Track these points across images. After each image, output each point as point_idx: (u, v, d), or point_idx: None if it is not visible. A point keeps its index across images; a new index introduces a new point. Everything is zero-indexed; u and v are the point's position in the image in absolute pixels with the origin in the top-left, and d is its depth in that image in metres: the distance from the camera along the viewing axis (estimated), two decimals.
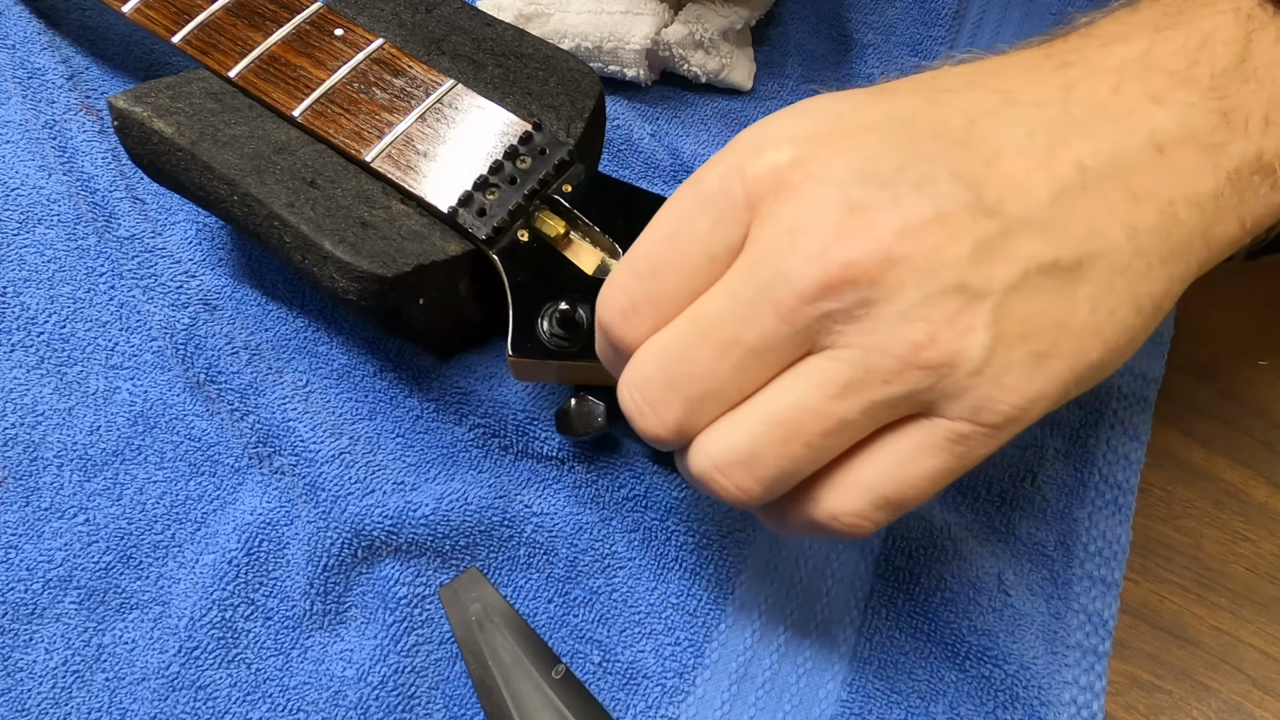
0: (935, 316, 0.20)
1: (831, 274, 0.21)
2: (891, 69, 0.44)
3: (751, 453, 0.22)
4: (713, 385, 0.22)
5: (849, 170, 0.21)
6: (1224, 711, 0.31)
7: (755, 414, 0.22)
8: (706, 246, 0.23)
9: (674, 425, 0.23)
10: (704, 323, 0.22)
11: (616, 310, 0.24)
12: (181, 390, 0.35)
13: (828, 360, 0.21)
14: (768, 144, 0.22)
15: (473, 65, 0.34)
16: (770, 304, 0.21)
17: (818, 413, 0.21)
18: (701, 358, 0.22)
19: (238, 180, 0.30)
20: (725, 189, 0.22)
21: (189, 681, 0.30)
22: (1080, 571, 0.33)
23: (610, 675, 0.31)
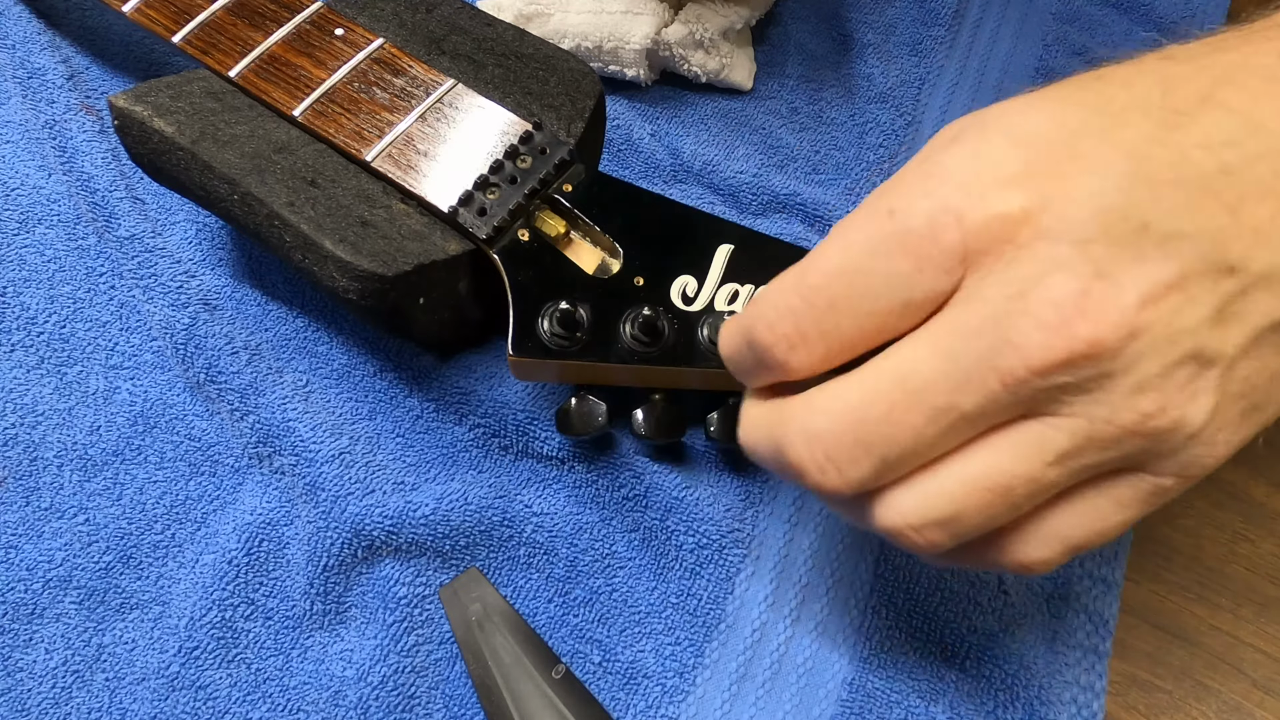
0: (1168, 387, 0.19)
1: (1075, 349, 0.19)
2: (891, 69, 0.44)
3: (952, 515, 0.21)
4: (915, 448, 0.21)
5: (1088, 226, 0.19)
6: (1224, 711, 0.31)
7: (959, 475, 0.21)
8: (903, 293, 0.21)
9: (858, 484, 0.22)
10: (912, 384, 0.20)
11: (781, 335, 0.22)
12: (181, 390, 0.35)
13: (1048, 428, 0.20)
14: (989, 186, 0.20)
15: (473, 65, 0.34)
16: (995, 373, 0.20)
17: (1029, 479, 0.21)
18: (908, 421, 0.21)
19: (238, 179, 0.30)
20: (936, 233, 0.20)
21: (189, 681, 0.30)
22: (1080, 571, 0.33)
23: (610, 675, 0.31)
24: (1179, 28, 0.45)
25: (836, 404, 0.21)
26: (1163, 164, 0.20)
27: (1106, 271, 0.19)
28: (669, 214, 0.33)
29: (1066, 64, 0.44)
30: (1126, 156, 0.20)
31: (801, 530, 0.33)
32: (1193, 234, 0.19)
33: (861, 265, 0.21)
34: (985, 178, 0.20)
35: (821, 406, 0.22)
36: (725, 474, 0.34)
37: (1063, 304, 0.19)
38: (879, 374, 0.21)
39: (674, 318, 0.31)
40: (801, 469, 0.22)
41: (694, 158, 0.41)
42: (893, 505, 0.22)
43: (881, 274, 0.21)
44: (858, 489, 0.22)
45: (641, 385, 0.32)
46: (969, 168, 0.21)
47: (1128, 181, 0.20)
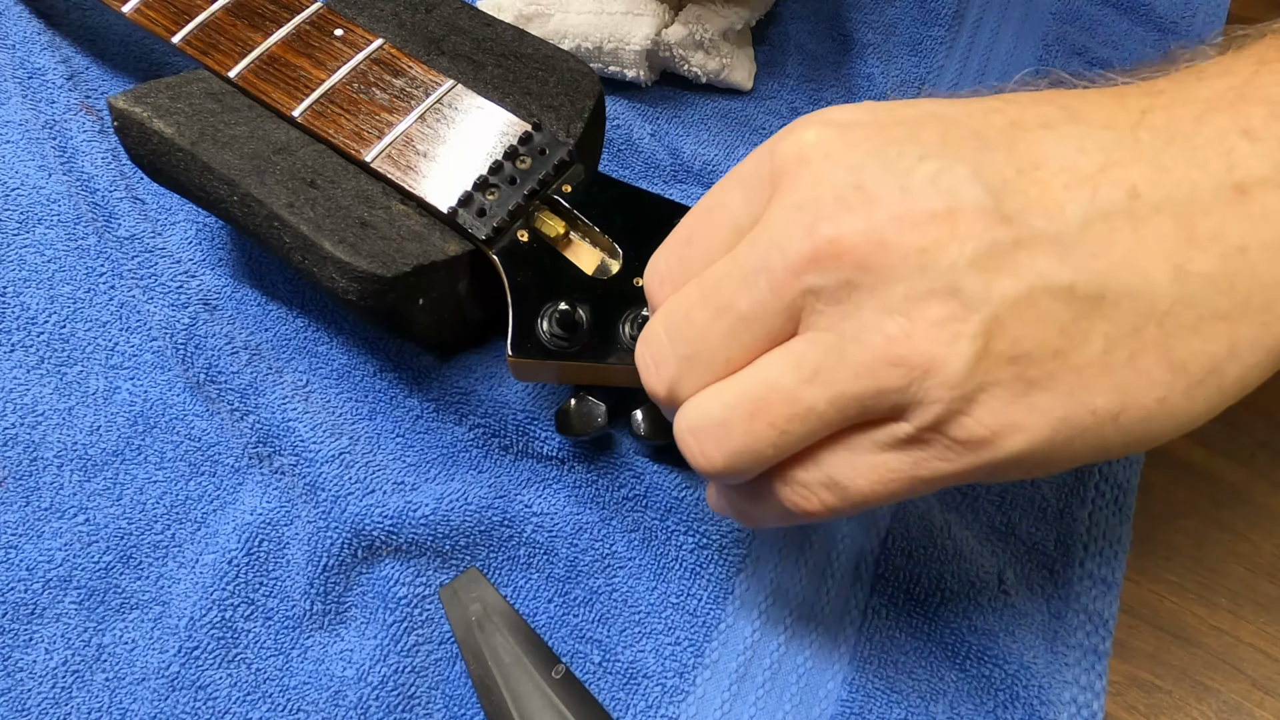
0: (917, 315, 0.19)
1: (819, 247, 0.20)
2: (891, 69, 0.44)
3: (721, 422, 0.22)
4: (703, 348, 0.22)
5: (868, 155, 0.21)
6: (1224, 711, 0.31)
7: (733, 387, 0.22)
8: (733, 219, 0.23)
9: (668, 382, 0.23)
10: (706, 285, 0.23)
11: (655, 276, 0.25)
12: (181, 390, 0.35)
13: (804, 343, 0.21)
14: (801, 125, 0.22)
15: (472, 65, 0.34)
16: (765, 274, 0.21)
17: (787, 394, 0.21)
18: (698, 319, 0.22)
19: (237, 180, 0.30)
20: (757, 165, 0.23)
21: (189, 681, 0.30)
22: (1080, 571, 0.33)
23: (610, 675, 0.31)
24: (1179, 27, 0.45)
25: (662, 310, 0.24)
26: (964, 126, 0.21)
27: (865, 188, 0.20)
28: (669, 214, 0.33)
29: (1066, 64, 0.44)
30: (931, 115, 0.22)
31: (801, 530, 0.33)
32: (967, 178, 0.20)
33: (710, 204, 0.24)
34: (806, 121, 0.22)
35: (655, 314, 0.24)
36: None
37: (818, 206, 0.21)
38: (691, 282, 0.23)
39: None
40: (640, 371, 0.24)
41: (694, 158, 0.41)
42: (682, 410, 0.23)
43: (720, 207, 0.23)
44: (669, 390, 0.23)
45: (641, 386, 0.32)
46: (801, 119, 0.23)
47: (920, 130, 0.21)
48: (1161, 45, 0.45)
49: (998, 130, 0.21)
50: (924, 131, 0.21)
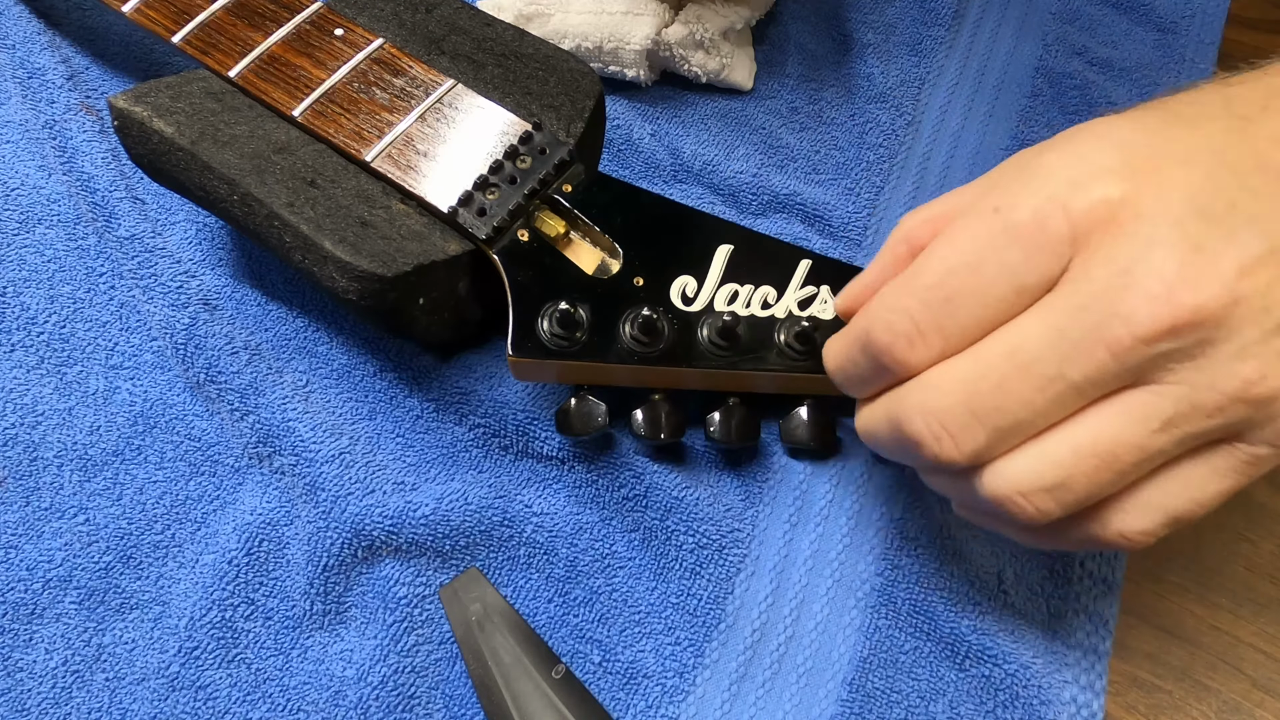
0: (1267, 354, 0.21)
1: (1179, 317, 0.20)
2: (891, 69, 0.44)
3: (1060, 482, 0.22)
4: (1025, 418, 0.22)
5: (1184, 207, 0.21)
6: (1224, 711, 0.31)
7: (1068, 443, 0.22)
8: (1016, 279, 0.22)
9: (972, 453, 0.23)
10: (1022, 357, 0.22)
11: (899, 333, 0.24)
12: (181, 390, 0.35)
13: (1153, 395, 0.21)
14: (1091, 177, 0.22)
15: (473, 65, 0.34)
16: (1103, 344, 0.21)
17: (1135, 446, 0.22)
18: (1019, 391, 0.22)
19: (238, 180, 0.30)
20: (1043, 222, 0.22)
21: (189, 681, 0.30)
22: (1080, 571, 0.33)
23: (610, 675, 0.31)
24: (1179, 27, 0.45)
25: (950, 379, 0.23)
26: (1241, 154, 0.22)
27: (1203, 245, 0.21)
28: (669, 214, 0.33)
29: (1066, 64, 0.44)
30: (1208, 149, 0.22)
31: (801, 530, 0.33)
32: (1275, 214, 0.21)
33: (973, 260, 0.23)
34: (1086, 170, 0.22)
35: (935, 383, 0.23)
36: (725, 474, 0.34)
37: (1166, 276, 0.21)
38: (990, 350, 0.23)
39: (674, 318, 0.31)
40: (919, 441, 0.23)
41: (694, 158, 0.41)
42: (1002, 473, 0.23)
43: (993, 265, 0.23)
44: (971, 459, 0.23)
45: (641, 385, 0.32)
46: (1070, 164, 0.23)
47: (1214, 168, 0.22)
48: (1161, 45, 0.45)
49: (1272, 159, 0.22)
50: (1216, 173, 0.22)
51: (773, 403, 0.34)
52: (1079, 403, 0.22)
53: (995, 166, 0.26)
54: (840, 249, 0.39)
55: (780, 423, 0.33)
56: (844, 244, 0.39)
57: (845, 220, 0.40)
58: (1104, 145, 0.23)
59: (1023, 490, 0.23)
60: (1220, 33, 0.45)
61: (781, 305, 0.32)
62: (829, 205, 0.40)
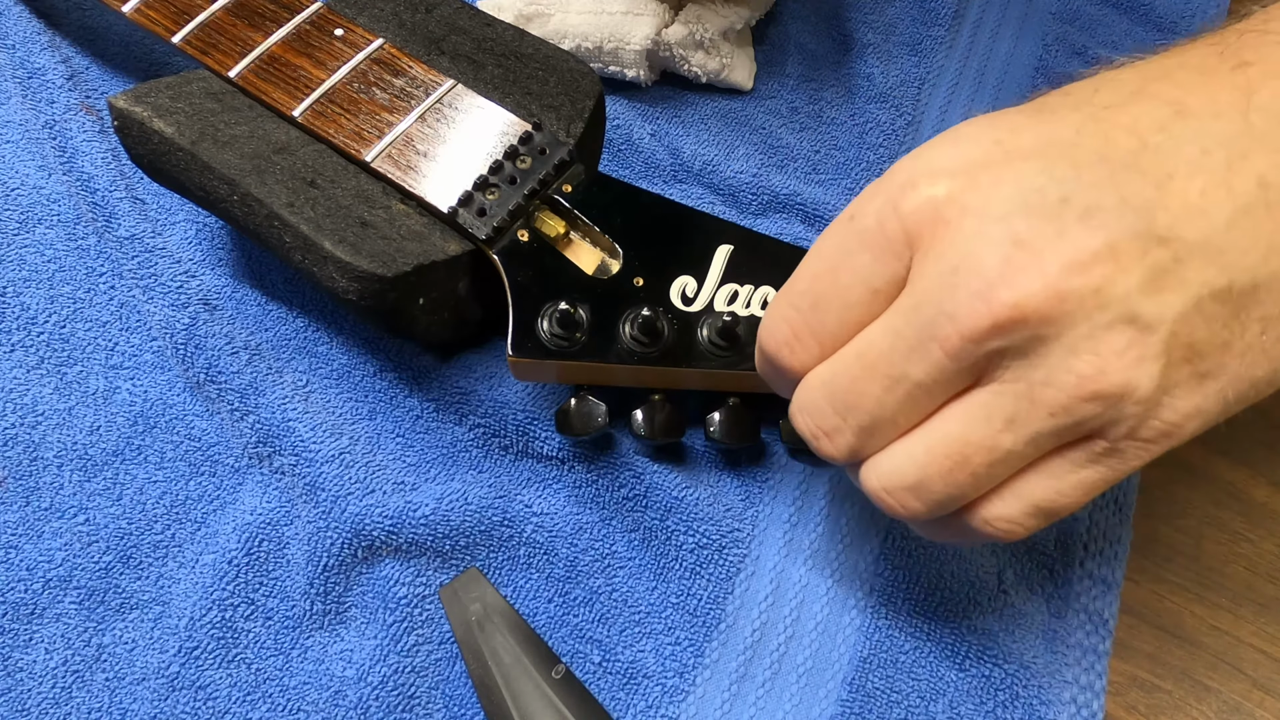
0: (1104, 350, 0.20)
1: (999, 315, 0.20)
2: (891, 69, 0.44)
3: (919, 480, 0.23)
4: (881, 415, 0.23)
5: (1010, 202, 0.21)
6: (1224, 711, 0.31)
7: (923, 443, 0.23)
8: (866, 281, 0.23)
9: (847, 449, 0.24)
10: (869, 358, 0.23)
11: (780, 341, 0.25)
12: (181, 390, 0.35)
13: (993, 395, 0.22)
14: (921, 177, 0.22)
15: (473, 65, 0.34)
16: (936, 342, 0.21)
17: (983, 445, 0.22)
18: (869, 391, 0.23)
19: (238, 180, 0.30)
20: (882, 225, 0.22)
21: (189, 681, 0.30)
22: (1080, 571, 0.33)
23: (610, 675, 0.31)
24: (1179, 27, 0.45)
25: (815, 379, 0.24)
26: (1086, 148, 0.21)
27: (1026, 242, 0.21)
28: (669, 214, 0.33)
29: (1066, 64, 0.44)
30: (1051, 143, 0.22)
31: (801, 530, 0.33)
32: (1115, 207, 0.21)
33: (832, 265, 0.24)
34: (920, 170, 0.22)
35: (808, 383, 0.24)
36: (725, 474, 0.34)
37: (987, 273, 0.21)
38: (844, 352, 0.23)
39: (673, 318, 0.31)
40: (805, 437, 0.25)
41: (694, 158, 0.41)
42: (871, 469, 0.24)
43: (847, 269, 0.23)
44: (850, 455, 0.24)
45: (641, 385, 0.32)
46: (910, 165, 0.23)
47: (1053, 161, 0.21)
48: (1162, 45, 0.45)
49: (1123, 150, 0.21)
50: (1054, 164, 0.21)
51: (773, 403, 0.34)
52: (933, 401, 0.22)
53: None
54: None
55: (780, 423, 0.33)
56: None
57: None
58: (949, 143, 0.23)
59: (887, 487, 0.23)
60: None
61: None
62: (829, 205, 0.40)
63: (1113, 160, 0.21)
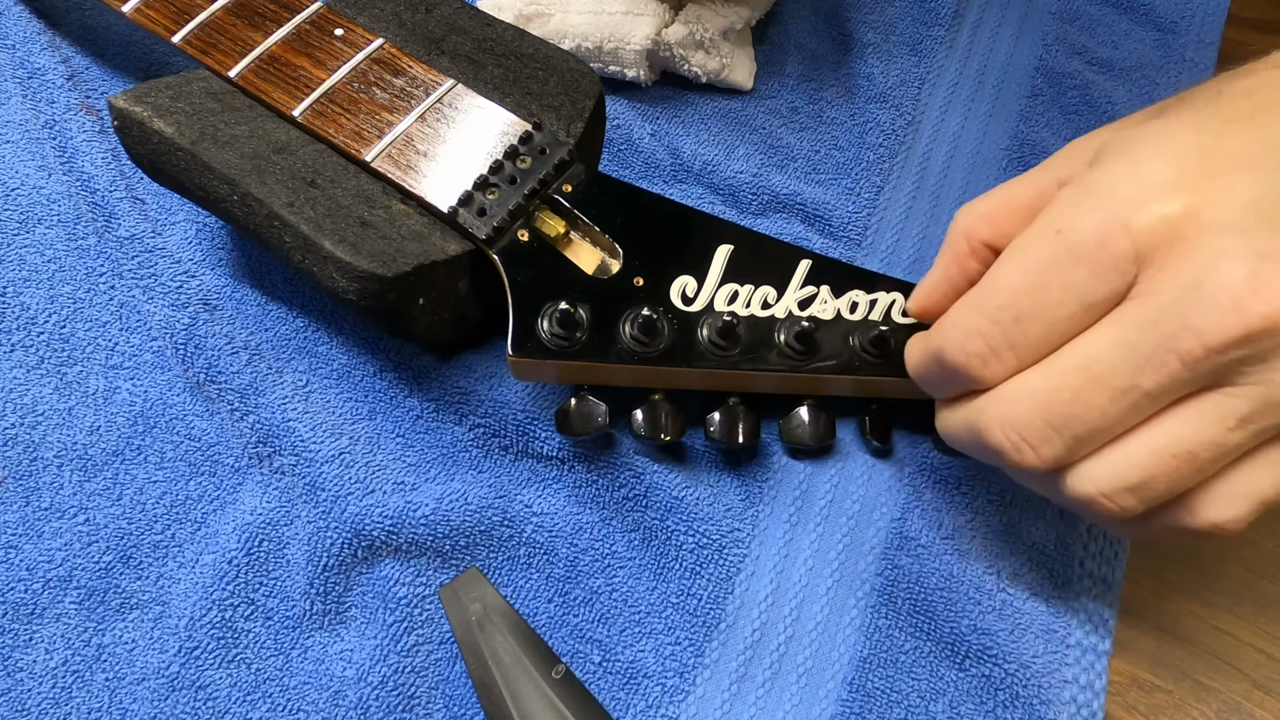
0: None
1: (1251, 325, 0.21)
2: (891, 69, 0.44)
3: (1142, 481, 0.23)
4: (1102, 426, 0.23)
5: (1247, 216, 0.22)
6: (1224, 711, 0.31)
7: (1148, 445, 0.23)
8: (1082, 297, 0.23)
9: (1053, 460, 0.24)
10: (1095, 371, 0.23)
11: (974, 354, 0.25)
12: (181, 390, 0.35)
13: (1228, 398, 0.22)
14: (1150, 195, 0.23)
15: (473, 65, 0.34)
16: (1175, 355, 0.22)
17: (1213, 444, 0.23)
18: (1094, 403, 0.23)
19: (238, 180, 0.30)
20: (1106, 243, 0.23)
21: (189, 681, 0.30)
22: (1080, 571, 0.33)
23: (610, 675, 0.31)
24: (1179, 27, 0.45)
25: (1026, 393, 0.24)
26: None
27: (1270, 254, 0.21)
28: (669, 214, 0.33)
29: (1066, 64, 0.44)
30: (1267, 149, 0.22)
31: (801, 530, 0.33)
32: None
33: (1039, 281, 0.24)
34: (1144, 187, 0.23)
35: (1013, 396, 0.25)
36: (725, 474, 0.34)
37: (1234, 287, 0.21)
38: (1064, 364, 0.24)
39: (673, 318, 0.31)
40: (1001, 450, 0.25)
41: (694, 158, 0.41)
42: (1085, 475, 0.24)
43: (1059, 285, 0.23)
44: (1052, 465, 0.24)
45: (641, 385, 0.32)
46: (1129, 180, 0.23)
47: (1269, 174, 0.22)
48: (1161, 45, 0.45)
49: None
50: (1272, 175, 0.22)
51: (773, 403, 0.34)
52: (1154, 408, 0.23)
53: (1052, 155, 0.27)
54: (840, 249, 0.39)
55: (780, 423, 0.33)
56: (844, 244, 0.39)
57: (845, 220, 0.40)
58: (1160, 156, 0.23)
59: (1105, 491, 0.24)
60: (1220, 33, 0.45)
61: (781, 305, 0.32)
62: (829, 205, 0.40)
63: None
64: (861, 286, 0.32)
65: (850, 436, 0.35)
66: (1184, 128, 0.24)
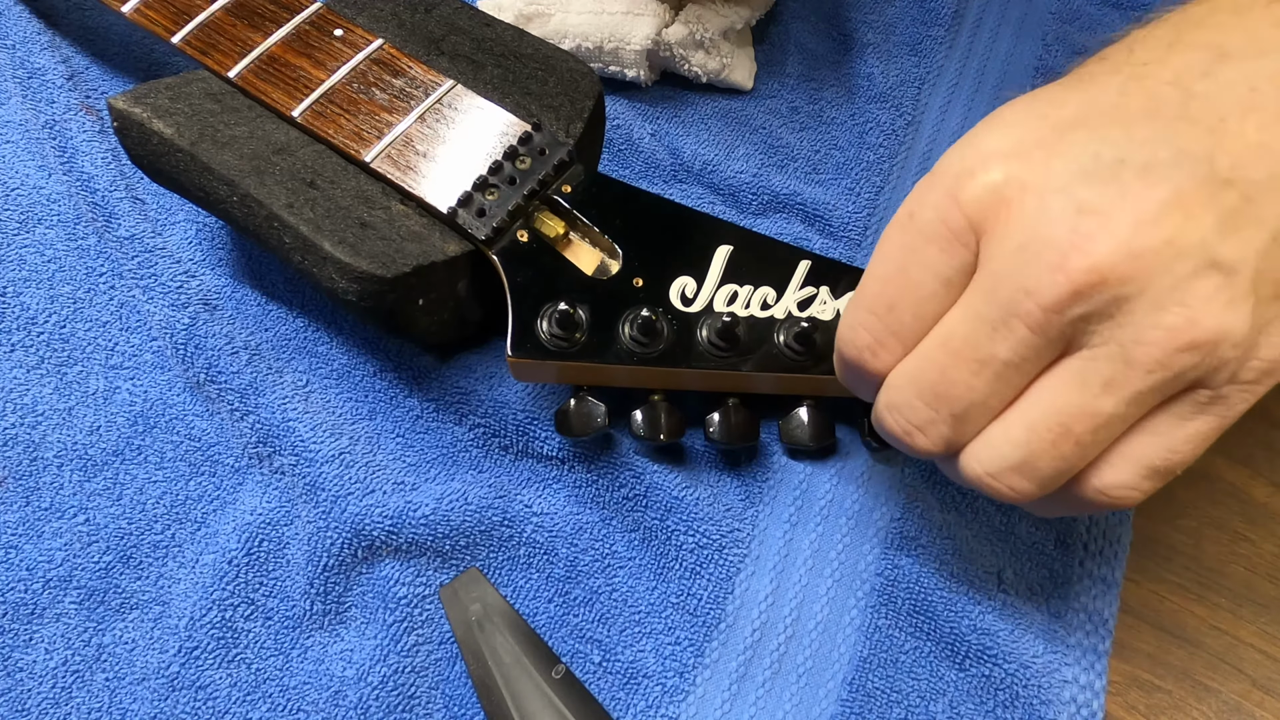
0: (1191, 299, 0.20)
1: (1077, 281, 0.21)
2: (891, 68, 0.44)
3: (1023, 459, 0.23)
4: (974, 399, 0.23)
5: (1068, 173, 0.21)
6: (1224, 711, 0.31)
7: (1021, 421, 0.23)
8: (937, 274, 0.23)
9: (942, 441, 0.24)
10: (953, 344, 0.23)
11: (863, 347, 0.25)
12: (181, 390, 0.35)
13: (1085, 360, 0.22)
14: (976, 165, 0.23)
15: (472, 66, 0.34)
16: (1018, 319, 0.22)
17: (1084, 412, 0.22)
18: (958, 377, 0.23)
19: (237, 181, 0.30)
20: (943, 217, 0.23)
21: (189, 681, 0.30)
22: (1080, 571, 0.33)
23: (610, 675, 0.31)
24: None
25: (901, 375, 0.24)
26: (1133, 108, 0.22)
27: (1091, 207, 0.21)
28: (668, 215, 0.33)
29: (1066, 63, 0.44)
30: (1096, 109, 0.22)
31: (801, 530, 0.33)
32: (1172, 158, 0.21)
33: (900, 265, 0.24)
34: (974, 158, 0.23)
35: (893, 381, 0.25)
36: (725, 474, 0.34)
37: (1056, 241, 0.21)
38: (927, 343, 0.24)
39: (673, 319, 0.31)
40: (895, 436, 0.25)
41: (694, 158, 0.41)
42: (972, 457, 0.24)
43: (917, 266, 0.23)
44: (946, 446, 0.24)
45: (641, 386, 0.32)
46: (962, 154, 0.23)
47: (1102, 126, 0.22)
48: None
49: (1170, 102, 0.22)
50: (1103, 129, 0.22)
51: (772, 403, 0.34)
52: (1024, 378, 0.23)
53: None
54: (840, 249, 0.39)
55: (780, 423, 0.33)
56: (844, 244, 0.39)
57: (845, 220, 0.40)
58: (995, 128, 0.23)
59: (991, 472, 0.23)
60: None
61: (781, 306, 0.32)
62: (829, 205, 0.40)
63: (1162, 114, 0.21)
64: None
65: (850, 437, 0.35)
66: (1026, 99, 0.24)
